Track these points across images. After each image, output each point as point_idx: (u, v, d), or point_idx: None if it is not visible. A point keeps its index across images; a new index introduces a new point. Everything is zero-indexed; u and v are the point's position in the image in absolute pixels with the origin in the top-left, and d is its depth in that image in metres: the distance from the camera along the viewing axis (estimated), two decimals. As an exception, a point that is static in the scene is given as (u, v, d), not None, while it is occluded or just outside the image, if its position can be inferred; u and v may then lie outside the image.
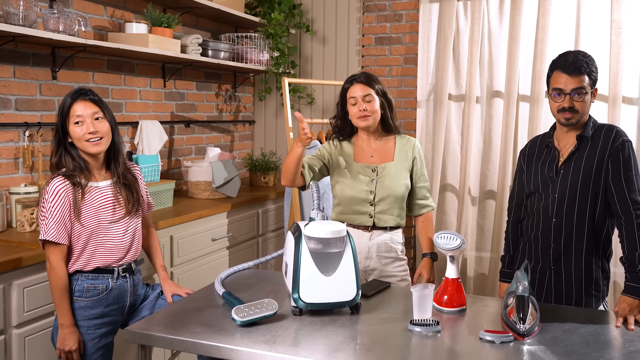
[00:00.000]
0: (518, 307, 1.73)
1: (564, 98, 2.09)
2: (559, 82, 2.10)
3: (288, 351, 1.63)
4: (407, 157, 2.52)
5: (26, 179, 2.81)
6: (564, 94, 2.09)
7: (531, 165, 2.28)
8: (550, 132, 2.28)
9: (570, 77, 2.07)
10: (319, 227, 1.90)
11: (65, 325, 2.03)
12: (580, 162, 2.14)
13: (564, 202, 2.15)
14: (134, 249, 2.21)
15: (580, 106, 2.09)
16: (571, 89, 2.07)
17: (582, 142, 2.15)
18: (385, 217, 2.45)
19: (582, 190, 2.13)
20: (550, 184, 2.19)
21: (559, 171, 2.17)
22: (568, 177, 2.15)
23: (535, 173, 2.25)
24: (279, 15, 4.01)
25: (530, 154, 2.32)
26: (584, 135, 2.14)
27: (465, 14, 3.81)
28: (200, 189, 3.56)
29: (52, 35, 2.62)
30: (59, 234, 2.01)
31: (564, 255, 2.18)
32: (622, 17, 3.43)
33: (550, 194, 2.18)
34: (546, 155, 2.24)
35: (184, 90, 3.89)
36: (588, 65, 2.09)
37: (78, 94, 2.09)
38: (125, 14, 3.35)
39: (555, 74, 2.12)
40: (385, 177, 2.46)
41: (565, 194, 2.15)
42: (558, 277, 2.20)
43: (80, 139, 2.07)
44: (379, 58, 4.18)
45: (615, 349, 1.65)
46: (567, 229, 2.16)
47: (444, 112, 3.88)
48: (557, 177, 2.17)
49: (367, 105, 2.43)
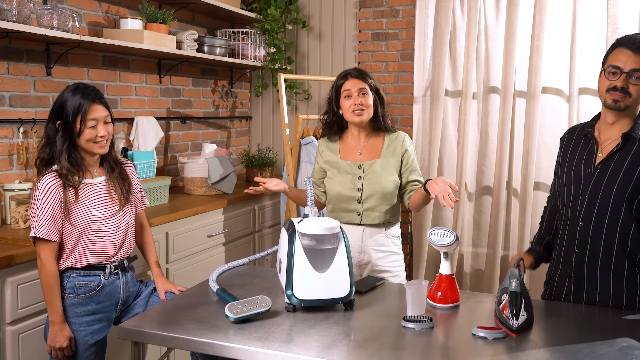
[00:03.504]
0: (511, 303, 1.73)
1: (619, 76, 1.87)
2: (619, 59, 1.88)
3: (281, 348, 1.63)
4: (395, 153, 2.49)
5: (20, 175, 2.80)
6: (621, 72, 1.87)
7: (566, 156, 2.08)
8: (593, 121, 2.06)
9: (634, 55, 1.86)
10: (313, 224, 1.89)
11: (56, 322, 2.03)
12: (621, 164, 1.92)
13: (595, 205, 1.95)
14: (127, 245, 2.21)
15: (635, 90, 1.87)
16: (631, 68, 1.86)
17: (628, 141, 1.93)
18: (373, 214, 2.45)
19: (617, 195, 1.91)
20: (583, 181, 1.99)
21: (595, 168, 1.97)
22: (604, 177, 1.94)
23: (569, 165, 2.05)
24: (275, 11, 4.00)
25: (567, 142, 2.11)
26: (630, 135, 1.92)
27: (461, 9, 3.80)
28: (196, 185, 3.55)
29: (45, 31, 2.61)
30: (50, 231, 2.01)
31: (588, 265, 1.98)
32: (618, 12, 3.42)
33: (580, 193, 1.99)
34: (583, 145, 2.04)
35: (179, 86, 3.88)
36: None
37: (93, 97, 2.08)
38: (120, 9, 3.34)
39: (617, 51, 1.91)
40: (372, 174, 2.45)
41: (597, 195, 1.94)
42: (578, 288, 2.01)
43: (90, 140, 2.08)
44: (376, 54, 4.17)
45: (607, 344, 1.65)
46: (595, 235, 1.96)
47: (441, 107, 3.87)
48: (593, 174, 1.97)
49: (362, 99, 2.43)
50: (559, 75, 3.63)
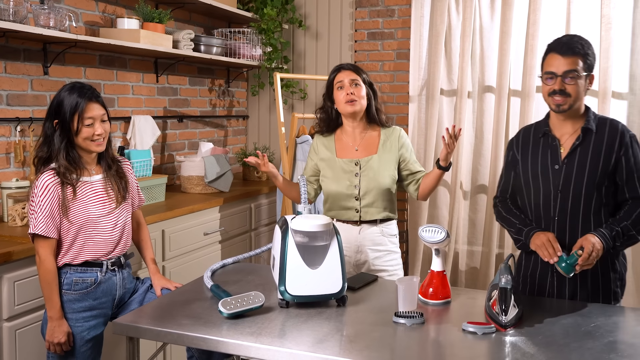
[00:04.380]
0: (500, 299, 1.76)
1: (555, 80, 1.99)
2: (551, 64, 2.00)
3: (273, 342, 1.65)
4: (391, 148, 2.51)
5: (18, 173, 2.83)
6: (556, 76, 1.99)
7: (527, 155, 2.15)
8: (546, 120, 2.16)
9: (563, 58, 1.98)
10: (306, 221, 1.92)
11: (54, 318, 2.05)
12: (586, 155, 2.03)
13: (568, 198, 2.04)
14: (123, 243, 2.23)
15: (573, 90, 1.98)
16: (563, 71, 1.98)
17: (587, 134, 2.04)
18: (372, 210, 2.47)
19: (588, 185, 2.02)
20: (552, 177, 2.07)
21: (562, 163, 2.06)
22: (572, 171, 2.03)
23: (533, 163, 2.12)
24: (271, 10, 4.02)
25: (524, 143, 2.18)
26: (588, 128, 2.04)
27: (457, 9, 3.83)
28: (192, 184, 3.58)
29: (42, 30, 2.63)
30: (48, 228, 2.03)
31: None
32: (612, 12, 3.44)
33: (552, 189, 2.06)
34: (544, 144, 2.12)
35: (176, 85, 3.90)
36: (583, 48, 1.99)
37: (90, 95, 2.11)
38: (117, 9, 3.36)
39: (549, 57, 2.03)
40: (369, 171, 2.47)
41: (569, 188, 2.03)
42: (561, 282, 2.08)
43: (87, 139, 2.10)
44: (372, 53, 4.19)
45: (594, 339, 1.67)
46: (572, 227, 2.04)
47: (436, 106, 3.90)
48: (561, 169, 2.05)
49: (354, 89, 2.44)
50: (553, 74, 3.65)
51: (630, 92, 3.48)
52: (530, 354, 1.57)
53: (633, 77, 3.47)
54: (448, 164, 2.37)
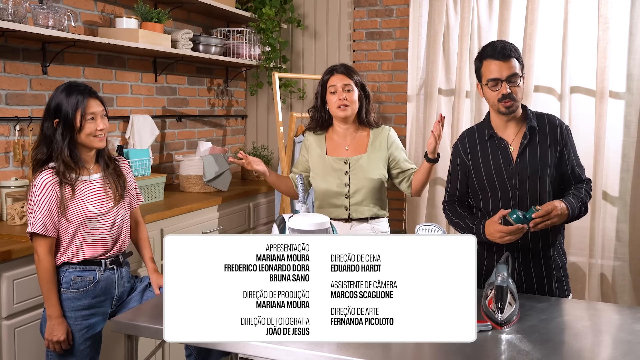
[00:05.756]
0: (497, 297, 1.77)
1: (501, 85, 2.06)
2: (492, 70, 2.07)
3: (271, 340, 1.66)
4: (381, 147, 2.55)
5: (17, 172, 2.84)
6: (501, 81, 2.06)
7: (478, 159, 2.21)
8: (487, 122, 2.22)
9: (503, 63, 2.06)
10: (302, 219, 1.93)
11: (54, 316, 2.06)
12: (535, 153, 2.14)
13: (526, 195, 2.13)
14: (122, 241, 2.24)
15: (518, 91, 2.09)
16: (507, 75, 2.06)
17: (532, 132, 2.15)
18: (361, 208, 2.50)
19: (541, 180, 2.13)
20: (507, 177, 2.14)
21: (516, 162, 2.14)
22: (526, 169, 2.13)
23: (485, 166, 2.18)
24: (270, 10, 4.03)
25: (472, 147, 2.23)
26: (533, 126, 2.15)
27: (455, 9, 3.84)
28: (191, 183, 3.59)
29: (41, 30, 2.64)
30: (46, 227, 2.04)
31: (532, 249, 2.15)
32: (609, 12, 3.45)
33: (509, 189, 2.14)
34: (493, 146, 2.19)
35: (175, 84, 3.91)
36: (516, 51, 2.10)
37: (89, 92, 2.14)
38: (116, 9, 3.37)
39: (486, 64, 2.10)
40: (358, 169, 2.51)
41: (525, 186, 2.13)
42: (528, 272, 2.17)
43: (90, 135, 2.12)
44: (370, 53, 4.20)
45: (588, 337, 1.69)
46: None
47: (434, 106, 3.91)
48: (515, 169, 2.14)
49: (346, 94, 2.49)
50: (550, 74, 3.67)
51: (627, 92, 3.49)
52: (525, 352, 1.59)
53: (630, 77, 3.48)
54: (436, 156, 2.43)
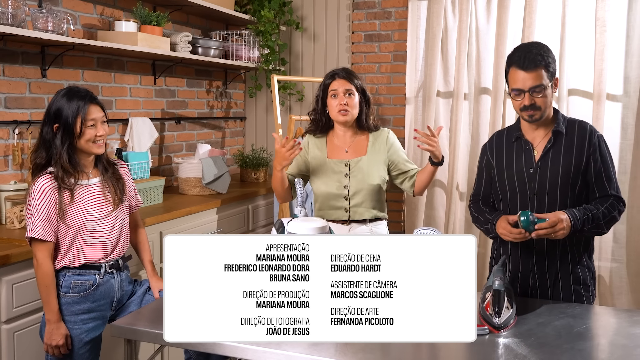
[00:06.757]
0: (494, 301, 1.78)
1: (523, 96, 2.04)
2: (516, 80, 2.04)
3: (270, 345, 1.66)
4: (380, 150, 2.57)
5: (16, 176, 2.84)
6: (523, 92, 2.04)
7: (502, 160, 2.21)
8: (517, 125, 2.22)
9: (527, 74, 2.01)
10: (301, 224, 1.93)
11: (53, 320, 2.07)
12: (558, 158, 2.10)
13: (545, 200, 2.10)
14: (121, 245, 2.25)
15: (542, 102, 2.05)
16: (529, 87, 2.02)
17: (557, 137, 2.12)
18: (360, 210, 2.51)
19: (562, 186, 2.09)
20: (528, 180, 2.13)
21: (537, 166, 2.12)
22: (547, 173, 2.10)
23: (509, 168, 2.18)
24: (268, 12, 4.04)
25: (498, 148, 2.23)
26: (559, 131, 2.11)
27: (453, 11, 3.85)
28: (190, 185, 3.59)
29: (40, 34, 2.64)
30: (45, 232, 2.05)
31: (548, 257, 2.12)
32: (607, 15, 3.46)
33: (528, 192, 2.13)
34: (518, 148, 2.18)
35: (174, 87, 3.92)
36: (544, 58, 2.03)
37: (90, 98, 2.14)
38: (115, 12, 3.38)
39: (512, 71, 2.07)
40: (358, 171, 2.52)
41: (545, 191, 2.10)
42: (543, 281, 2.13)
43: (89, 140, 2.13)
44: (369, 55, 4.21)
45: (587, 340, 1.70)
46: None
47: (433, 108, 3.92)
48: (536, 172, 2.12)
49: (347, 99, 2.50)
50: (548, 76, 3.68)
51: (624, 94, 3.51)
52: (522, 356, 1.60)
53: (627, 79, 3.49)
54: (441, 158, 2.43)
